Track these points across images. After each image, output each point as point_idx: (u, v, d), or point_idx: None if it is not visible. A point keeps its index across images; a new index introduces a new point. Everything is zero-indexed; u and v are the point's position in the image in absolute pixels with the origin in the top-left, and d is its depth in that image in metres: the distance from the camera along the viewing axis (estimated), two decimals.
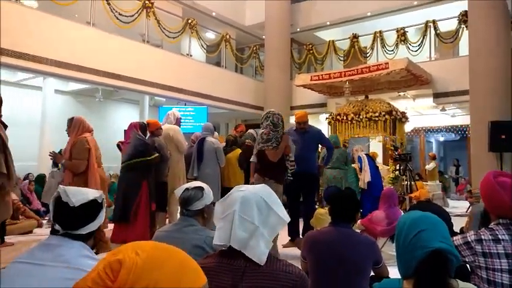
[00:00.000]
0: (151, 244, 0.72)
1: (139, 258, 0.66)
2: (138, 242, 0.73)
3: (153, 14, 8.81)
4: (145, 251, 0.68)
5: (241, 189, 1.40)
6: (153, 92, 9.08)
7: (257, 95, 11.48)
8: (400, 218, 1.39)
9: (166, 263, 0.68)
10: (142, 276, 0.64)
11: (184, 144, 5.24)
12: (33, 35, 6.79)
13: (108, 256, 0.69)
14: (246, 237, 1.30)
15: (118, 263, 0.65)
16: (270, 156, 3.95)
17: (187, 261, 0.72)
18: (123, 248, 0.69)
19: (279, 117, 4.19)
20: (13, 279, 1.27)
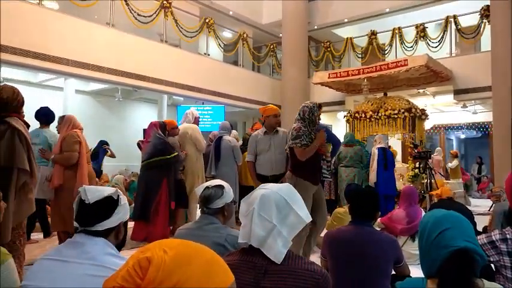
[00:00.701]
0: (178, 242, 0.73)
1: (167, 255, 0.67)
2: (166, 240, 0.74)
3: (171, 14, 8.89)
4: (173, 248, 0.69)
5: (264, 188, 1.41)
6: (171, 91, 9.17)
7: (274, 93, 11.46)
8: (423, 217, 1.38)
9: (194, 260, 0.69)
10: (171, 273, 0.65)
11: (203, 142, 5.28)
12: (55, 36, 6.95)
13: (137, 253, 0.70)
14: (264, 235, 1.31)
15: (146, 260, 0.66)
16: (299, 154, 3.62)
17: (216, 259, 0.73)
18: (151, 246, 0.70)
19: (307, 109, 3.71)
20: (41, 275, 1.31)
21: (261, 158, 4.34)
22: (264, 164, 4.31)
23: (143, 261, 0.66)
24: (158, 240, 0.75)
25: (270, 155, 4.29)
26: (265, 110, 4.43)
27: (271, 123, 4.35)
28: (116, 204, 1.44)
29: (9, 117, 2.89)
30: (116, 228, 1.45)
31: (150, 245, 0.71)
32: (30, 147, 2.95)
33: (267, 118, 4.37)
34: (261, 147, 4.33)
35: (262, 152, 4.33)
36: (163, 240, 0.74)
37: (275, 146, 4.30)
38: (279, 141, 4.32)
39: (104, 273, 1.28)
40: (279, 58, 11.86)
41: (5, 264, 1.42)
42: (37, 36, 6.69)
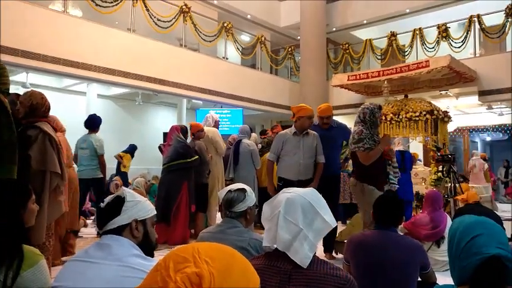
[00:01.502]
0: (212, 248, 0.74)
1: (213, 268, 0.68)
2: (199, 246, 0.74)
3: (189, 19, 8.99)
4: (213, 258, 0.70)
5: (288, 191, 1.40)
6: (190, 95, 9.26)
7: (292, 96, 11.44)
8: (453, 223, 1.34)
9: (234, 269, 0.71)
10: (220, 284, 0.67)
11: (223, 146, 5.31)
12: (78, 42, 7.11)
13: (177, 265, 0.69)
14: (290, 239, 1.30)
15: (196, 276, 0.67)
16: (362, 158, 3.36)
17: (247, 263, 0.75)
18: (189, 255, 0.70)
19: (367, 111, 3.45)
20: (71, 275, 1.34)
21: (286, 160, 4.01)
22: (289, 167, 4.00)
23: (193, 277, 0.67)
24: (191, 245, 0.75)
25: (298, 158, 3.98)
26: (299, 109, 4.07)
27: (303, 125, 4.02)
28: (123, 202, 1.46)
29: (39, 122, 2.98)
30: (129, 226, 1.46)
31: (188, 254, 0.71)
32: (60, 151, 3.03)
33: (300, 119, 4.02)
34: (288, 149, 4.02)
35: (288, 154, 4.00)
36: (198, 247, 0.74)
37: (304, 149, 4.01)
38: (309, 144, 4.04)
39: (131, 273, 1.31)
40: (297, 61, 11.84)
41: (37, 265, 1.46)
42: (62, 43, 6.86)
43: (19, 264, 1.43)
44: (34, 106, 3.08)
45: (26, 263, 1.45)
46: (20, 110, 3.11)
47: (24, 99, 3.10)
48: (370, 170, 3.37)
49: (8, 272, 1.41)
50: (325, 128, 4.34)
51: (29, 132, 2.99)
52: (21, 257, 1.45)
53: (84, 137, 5.16)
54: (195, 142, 4.86)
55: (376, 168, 3.42)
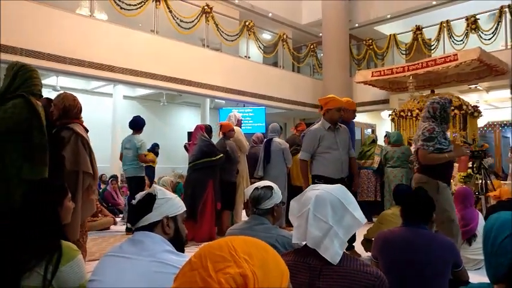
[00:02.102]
0: (247, 243, 0.75)
1: (253, 266, 0.69)
2: (234, 242, 0.74)
3: (211, 19, 9.06)
4: (251, 255, 0.71)
5: (316, 188, 1.40)
6: (213, 94, 9.34)
7: (315, 93, 11.35)
8: (488, 219, 1.30)
9: (269, 262, 0.72)
10: (263, 283, 0.69)
11: (246, 144, 5.34)
12: (104, 45, 7.29)
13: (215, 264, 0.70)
14: (320, 236, 1.30)
15: (240, 276, 0.67)
16: (423, 157, 3.12)
17: (277, 255, 0.76)
18: (227, 255, 0.71)
19: (438, 106, 3.18)
20: (107, 270, 1.38)
21: (326, 157, 3.70)
22: (330, 165, 3.70)
23: (237, 277, 0.67)
24: (224, 242, 0.75)
25: (339, 155, 3.71)
26: (327, 101, 3.80)
27: (333, 118, 3.75)
28: (154, 199, 1.49)
29: (72, 124, 3.09)
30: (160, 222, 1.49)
31: (225, 252, 0.71)
32: (92, 152, 3.14)
33: (329, 111, 3.75)
34: (326, 145, 3.71)
35: (328, 151, 3.71)
36: (231, 243, 0.74)
37: (341, 144, 3.77)
38: (344, 138, 3.82)
39: (163, 269, 1.34)
40: (320, 58, 11.75)
41: (75, 260, 1.52)
42: (89, 46, 7.05)
43: (58, 259, 1.50)
44: (67, 108, 3.20)
45: (65, 258, 1.51)
46: (53, 112, 3.23)
47: (58, 101, 3.22)
48: (443, 166, 3.17)
49: (48, 266, 1.47)
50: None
51: (63, 134, 3.11)
52: (60, 252, 1.52)
53: (129, 138, 5.45)
54: (226, 142, 4.92)
55: (448, 165, 3.24)
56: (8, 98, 2.59)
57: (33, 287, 1.45)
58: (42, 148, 2.63)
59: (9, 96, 2.60)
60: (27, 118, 2.57)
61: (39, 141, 2.61)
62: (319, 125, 3.82)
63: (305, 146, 3.85)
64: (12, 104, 2.55)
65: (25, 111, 2.57)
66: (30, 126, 2.58)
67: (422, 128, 3.23)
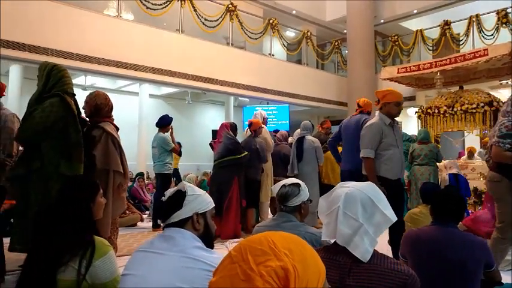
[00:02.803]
0: (286, 238, 0.75)
1: (293, 261, 0.70)
2: (272, 237, 0.75)
3: (236, 17, 9.10)
4: (291, 250, 0.72)
5: (345, 186, 1.39)
6: (237, 92, 9.39)
7: (340, 90, 11.26)
8: None
9: (307, 257, 0.73)
10: (302, 278, 0.70)
11: (271, 142, 5.35)
12: (130, 45, 7.44)
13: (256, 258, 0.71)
14: (350, 233, 1.29)
15: (281, 269, 0.69)
16: (497, 155, 2.91)
17: (314, 251, 0.77)
18: (267, 249, 0.72)
19: None
20: (139, 265, 1.41)
21: (387, 155, 3.33)
22: (393, 165, 3.34)
23: (279, 270, 0.68)
24: (263, 237, 0.75)
25: (399, 153, 3.41)
26: (384, 94, 3.47)
27: (392, 113, 3.42)
28: (184, 195, 1.51)
29: (102, 122, 3.16)
30: (191, 219, 1.51)
31: (265, 246, 0.72)
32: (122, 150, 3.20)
33: (386, 105, 3.42)
34: (388, 141, 3.35)
35: (390, 148, 3.34)
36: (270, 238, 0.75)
37: (399, 142, 3.47)
38: (400, 135, 3.53)
39: (194, 265, 1.36)
40: (344, 55, 11.62)
41: (107, 255, 1.57)
42: (115, 46, 7.22)
43: (91, 254, 1.54)
44: (98, 106, 3.26)
45: (98, 253, 1.56)
46: (85, 109, 3.31)
47: (90, 99, 3.29)
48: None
49: (82, 261, 1.52)
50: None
51: (94, 133, 3.17)
52: (93, 248, 1.56)
53: (155, 136, 5.60)
54: (256, 139, 4.93)
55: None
56: (44, 97, 2.70)
57: (68, 281, 1.49)
58: (78, 145, 2.73)
59: (45, 95, 2.71)
60: (63, 116, 2.67)
61: (75, 139, 2.70)
62: (378, 120, 3.43)
63: (368, 141, 3.38)
64: (50, 103, 2.66)
65: (61, 110, 2.67)
66: (66, 124, 2.69)
67: (499, 123, 2.99)
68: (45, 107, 2.64)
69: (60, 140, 2.69)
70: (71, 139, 2.70)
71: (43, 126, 2.62)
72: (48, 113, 2.63)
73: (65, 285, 1.48)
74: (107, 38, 7.13)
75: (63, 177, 2.60)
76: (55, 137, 2.68)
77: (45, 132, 2.64)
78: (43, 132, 2.63)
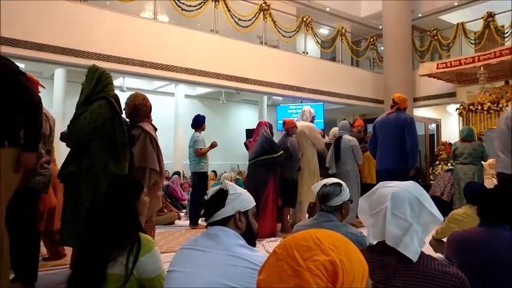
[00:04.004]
0: (330, 235, 0.76)
1: (341, 256, 0.71)
2: (317, 234, 0.75)
3: (269, 16, 9.10)
4: (336, 245, 0.72)
5: (389, 186, 1.36)
6: (271, 91, 9.39)
7: (376, 87, 11.01)
8: None
9: (352, 253, 0.73)
10: (349, 273, 0.70)
11: (322, 140, 5.36)
12: (166, 46, 7.61)
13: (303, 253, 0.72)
14: (400, 234, 1.27)
15: (329, 263, 0.69)
16: None
17: (357, 248, 0.78)
18: (313, 245, 0.72)
19: None
20: (184, 262, 1.45)
21: None
22: None
23: (327, 264, 0.69)
24: (307, 234, 0.76)
25: None
26: None
27: None
28: (226, 194, 1.53)
29: (141, 122, 3.28)
30: (233, 217, 1.52)
31: (310, 243, 0.73)
32: (160, 149, 3.30)
33: None
34: None
35: None
36: (315, 234, 0.75)
37: None
38: None
39: (237, 262, 1.38)
40: (380, 51, 11.36)
41: (153, 251, 1.62)
42: (151, 48, 7.40)
43: (138, 250, 1.60)
44: (137, 107, 3.38)
45: (144, 249, 1.61)
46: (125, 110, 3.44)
47: (129, 100, 3.42)
48: None
49: (129, 257, 1.58)
50: None
51: (133, 132, 3.29)
52: (139, 244, 1.62)
53: (191, 136, 5.75)
54: (288, 139, 4.93)
55: None
56: (92, 99, 2.84)
57: (116, 275, 1.56)
58: (124, 145, 2.86)
59: (93, 98, 2.85)
60: (110, 118, 2.80)
61: (121, 139, 2.83)
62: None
63: None
64: (98, 105, 2.79)
65: (108, 112, 2.81)
66: (113, 125, 2.81)
67: None
68: (94, 109, 2.78)
69: (108, 141, 2.81)
70: (118, 139, 2.82)
71: (93, 127, 2.75)
72: (97, 114, 2.77)
73: (114, 279, 1.55)
74: (144, 40, 7.32)
75: (111, 176, 2.72)
76: (103, 138, 2.81)
77: (94, 132, 2.77)
78: (92, 133, 2.77)
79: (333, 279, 0.68)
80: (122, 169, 2.81)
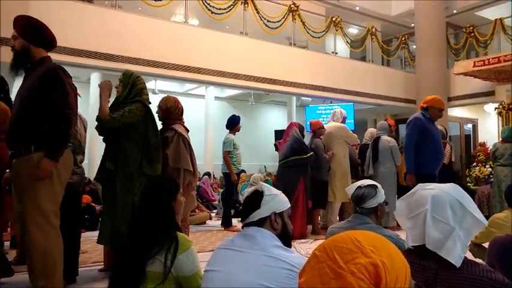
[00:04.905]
0: (369, 236, 0.76)
1: (382, 257, 0.71)
2: (356, 236, 0.76)
3: (298, 17, 9.07)
4: (376, 247, 0.72)
5: (429, 188, 1.33)
6: (300, 92, 9.34)
7: (408, 87, 10.75)
8: None
9: (393, 254, 0.74)
10: (392, 273, 0.70)
11: (354, 136, 5.30)
12: (197, 49, 7.71)
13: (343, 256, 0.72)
14: (441, 238, 1.23)
15: (371, 265, 0.70)
16: None
17: (397, 249, 0.78)
18: (353, 247, 0.73)
19: None
20: (221, 262, 1.47)
21: None
22: None
23: (369, 266, 0.70)
24: (346, 236, 0.76)
25: None
26: None
27: None
28: (262, 195, 1.54)
29: (174, 124, 3.37)
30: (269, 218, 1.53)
31: (350, 245, 0.73)
32: (192, 150, 3.38)
33: None
34: None
35: None
36: (354, 236, 0.75)
37: None
38: None
39: (273, 263, 1.38)
40: (412, 50, 11.08)
41: (190, 250, 1.65)
42: (182, 51, 7.52)
43: (176, 249, 1.64)
44: (169, 109, 3.49)
45: (181, 247, 1.65)
46: (158, 113, 3.55)
47: (162, 103, 3.52)
48: None
49: (167, 255, 1.62)
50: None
51: (166, 134, 3.40)
52: (177, 243, 1.65)
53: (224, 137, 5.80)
54: (313, 140, 4.91)
55: None
56: (127, 102, 2.95)
57: (155, 273, 1.59)
58: (157, 147, 2.96)
59: (128, 101, 2.96)
60: (145, 120, 2.89)
61: (155, 141, 2.93)
62: None
63: None
64: (135, 106, 2.93)
65: (143, 114, 2.90)
66: (146, 127, 2.91)
67: None
68: (131, 109, 2.91)
69: (142, 143, 2.92)
70: (151, 142, 2.91)
71: (128, 122, 2.86)
72: (132, 114, 2.90)
73: (153, 276, 1.59)
74: (174, 43, 7.45)
75: (144, 177, 2.80)
76: (137, 140, 2.91)
77: (129, 133, 2.87)
78: (127, 133, 2.86)
79: (376, 281, 0.68)
80: (155, 171, 2.90)
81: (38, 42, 2.36)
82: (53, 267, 2.20)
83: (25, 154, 2.20)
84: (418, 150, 3.90)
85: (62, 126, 2.23)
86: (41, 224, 2.16)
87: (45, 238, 2.17)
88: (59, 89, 2.24)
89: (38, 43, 2.36)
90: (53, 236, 2.21)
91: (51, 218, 2.21)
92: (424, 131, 3.87)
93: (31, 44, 2.33)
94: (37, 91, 2.23)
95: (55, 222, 2.24)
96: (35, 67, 2.33)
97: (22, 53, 2.33)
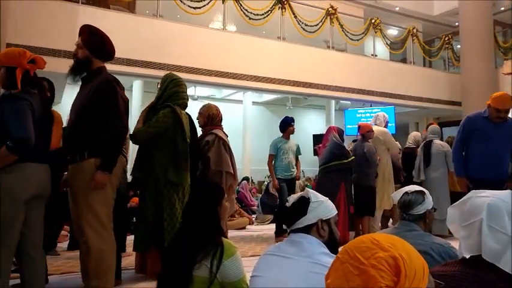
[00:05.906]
0: (386, 236, 0.79)
1: (399, 251, 0.74)
2: (374, 236, 0.79)
3: (336, 20, 8.97)
4: (393, 244, 0.76)
5: (483, 195, 1.27)
6: (339, 96, 9.23)
7: (452, 88, 10.34)
8: None
9: (410, 251, 0.77)
10: (410, 265, 0.73)
11: (396, 145, 5.18)
12: (234, 54, 7.81)
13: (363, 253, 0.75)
14: (499, 249, 1.17)
15: (390, 257, 0.73)
16: None
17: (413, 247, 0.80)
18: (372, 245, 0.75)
19: None
20: (268, 268, 1.48)
21: None
22: None
23: (388, 259, 0.73)
24: (364, 237, 0.79)
25: None
26: None
27: None
28: (308, 202, 1.53)
29: (215, 129, 3.49)
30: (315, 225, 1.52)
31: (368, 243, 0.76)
32: (232, 154, 3.46)
33: None
34: None
35: None
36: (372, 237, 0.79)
37: None
38: None
39: (320, 270, 1.37)
40: (456, 50, 10.65)
41: (235, 255, 1.67)
42: (220, 57, 7.65)
43: (221, 254, 1.66)
44: (211, 116, 3.66)
45: (226, 253, 1.67)
46: (199, 120, 3.70)
47: (203, 111, 3.72)
48: None
49: (213, 260, 1.64)
50: (497, 122, 3.58)
51: (207, 138, 3.54)
52: (222, 248, 1.68)
53: None
54: (365, 144, 4.80)
55: None
56: (158, 108, 3.02)
57: (202, 277, 1.62)
58: (185, 155, 2.97)
59: (159, 106, 3.03)
60: (173, 126, 2.96)
61: (182, 148, 2.96)
62: None
63: None
64: (162, 114, 2.96)
65: (171, 120, 2.95)
66: (175, 133, 2.96)
67: None
68: (159, 117, 2.95)
69: (170, 149, 2.95)
70: (179, 147, 2.95)
71: (156, 131, 2.92)
72: (161, 122, 2.93)
73: (199, 281, 1.62)
74: (213, 50, 7.59)
75: (169, 183, 2.85)
76: (166, 147, 2.95)
77: (157, 139, 2.94)
78: (155, 139, 2.94)
79: (396, 272, 0.72)
80: (181, 179, 2.91)
81: (100, 54, 2.42)
82: (106, 268, 2.29)
83: (80, 160, 2.30)
84: (467, 152, 3.71)
85: (115, 139, 2.29)
86: (96, 227, 2.26)
87: (100, 240, 2.26)
88: (112, 100, 2.30)
89: (100, 55, 2.42)
90: (107, 238, 2.30)
91: (105, 221, 2.30)
92: (473, 130, 3.61)
93: (93, 55, 2.39)
94: (92, 102, 2.30)
95: (108, 224, 2.33)
96: (91, 76, 2.40)
97: (83, 62, 2.39)
